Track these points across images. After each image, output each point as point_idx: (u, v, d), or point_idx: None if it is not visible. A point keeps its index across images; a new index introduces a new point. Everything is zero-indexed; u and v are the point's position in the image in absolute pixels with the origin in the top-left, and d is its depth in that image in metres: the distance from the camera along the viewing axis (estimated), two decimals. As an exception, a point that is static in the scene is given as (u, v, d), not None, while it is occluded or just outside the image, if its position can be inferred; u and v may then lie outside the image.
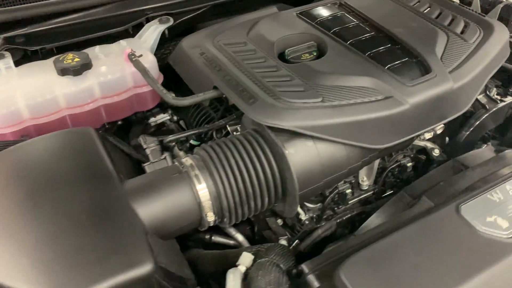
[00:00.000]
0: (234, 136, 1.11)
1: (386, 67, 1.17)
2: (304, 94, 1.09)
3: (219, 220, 1.05)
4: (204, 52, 1.25)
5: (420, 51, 1.23)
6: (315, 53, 1.27)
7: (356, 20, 1.37)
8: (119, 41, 1.37)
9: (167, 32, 1.47)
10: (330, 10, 1.43)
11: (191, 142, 1.32)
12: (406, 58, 1.22)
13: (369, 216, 1.32)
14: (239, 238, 1.29)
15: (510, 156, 1.14)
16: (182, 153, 1.26)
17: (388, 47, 1.25)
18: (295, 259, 1.04)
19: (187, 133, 1.23)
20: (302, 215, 1.33)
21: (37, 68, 1.27)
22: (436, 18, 1.40)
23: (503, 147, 1.36)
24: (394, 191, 1.42)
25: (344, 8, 1.45)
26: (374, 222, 1.11)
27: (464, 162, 1.14)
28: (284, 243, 1.25)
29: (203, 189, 1.00)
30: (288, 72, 1.15)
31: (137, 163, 1.27)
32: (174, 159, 1.10)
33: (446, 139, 1.43)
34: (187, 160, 1.04)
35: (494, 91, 1.42)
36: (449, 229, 0.84)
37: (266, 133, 1.06)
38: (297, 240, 1.32)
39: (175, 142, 1.21)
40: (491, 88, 1.42)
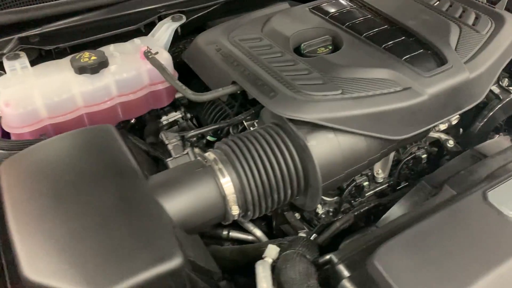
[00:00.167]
0: (254, 130, 1.11)
1: (403, 59, 1.18)
2: (324, 86, 1.10)
3: (243, 213, 1.06)
4: (221, 48, 1.26)
5: (435, 43, 1.24)
6: (330, 47, 1.28)
7: (368, 14, 1.38)
8: (133, 40, 1.38)
9: (179, 30, 1.47)
10: (342, 5, 1.44)
11: (208, 138, 1.32)
12: (422, 50, 1.23)
13: (386, 208, 1.34)
14: (257, 233, 1.30)
15: (527, 144, 1.15)
16: (197, 150, 1.26)
17: (402, 39, 1.26)
18: (319, 251, 1.05)
19: (208, 128, 1.24)
20: (319, 208, 1.33)
21: (53, 67, 1.27)
22: (446, 11, 1.41)
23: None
24: (409, 183, 1.43)
25: (356, 3, 1.46)
26: (396, 212, 1.12)
27: (483, 151, 1.15)
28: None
29: (227, 183, 1.00)
30: (306, 66, 1.16)
31: (154, 161, 1.28)
32: (196, 154, 1.10)
33: (460, 130, 1.44)
34: (210, 155, 1.05)
35: (506, 81, 1.44)
36: (477, 215, 0.85)
37: (287, 126, 1.07)
38: (315, 234, 1.33)
39: (196, 138, 1.22)
40: (503, 78, 1.43)
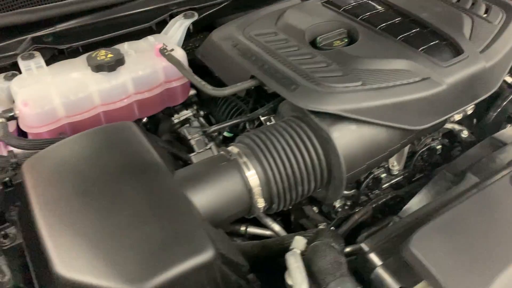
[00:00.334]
0: (275, 123, 1.12)
1: (419, 50, 1.19)
2: (344, 78, 1.10)
3: (267, 206, 1.06)
4: (237, 43, 1.26)
5: (449, 34, 1.25)
6: (346, 40, 1.29)
7: (381, 7, 1.39)
8: (147, 37, 1.38)
9: (191, 27, 1.47)
10: (353, -2, 1.44)
11: (225, 134, 1.32)
12: (437, 41, 1.24)
13: (403, 200, 1.34)
14: (276, 228, 1.29)
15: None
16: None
17: (418, 31, 1.27)
18: (344, 241, 1.05)
19: (230, 123, 1.24)
20: (336, 202, 1.34)
21: (69, 66, 1.27)
22: (457, 2, 1.43)
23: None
24: (425, 174, 1.44)
25: (367, -4, 1.47)
26: (418, 202, 1.12)
27: (501, 138, 1.16)
28: (323, 230, 1.25)
29: (252, 176, 1.00)
30: (324, 58, 1.16)
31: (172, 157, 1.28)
32: (219, 148, 1.10)
33: (474, 121, 1.45)
34: (233, 149, 1.05)
35: (518, 71, 1.45)
36: (507, 200, 0.86)
37: (308, 118, 1.07)
38: (333, 227, 1.33)
39: (217, 133, 1.22)
40: (514, 68, 1.45)
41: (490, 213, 0.84)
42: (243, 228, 1.29)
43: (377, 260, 0.86)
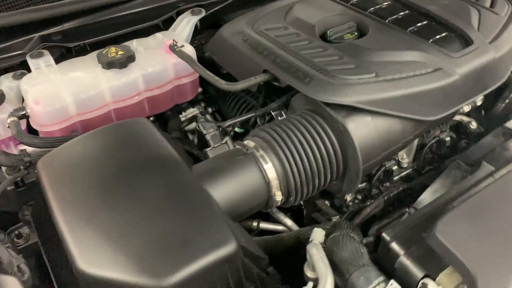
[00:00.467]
0: (290, 116, 1.12)
1: (430, 41, 1.20)
2: (357, 70, 1.10)
3: (285, 199, 1.06)
4: (247, 38, 1.26)
5: (458, 25, 1.26)
6: (356, 33, 1.29)
7: (388, 0, 1.39)
8: (155, 34, 1.37)
9: (198, 24, 1.47)
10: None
11: (236, 130, 1.32)
12: (447, 32, 1.24)
13: (413, 192, 1.35)
14: (288, 223, 1.29)
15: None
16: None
17: (427, 23, 1.28)
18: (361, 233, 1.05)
19: (245, 117, 1.24)
20: (347, 195, 1.34)
21: (78, 64, 1.26)
22: (462, -5, 1.44)
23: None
24: (434, 167, 1.44)
25: (374, -10, 1.47)
26: (433, 192, 1.13)
27: (512, 127, 1.17)
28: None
29: (270, 169, 1.00)
30: (336, 51, 1.17)
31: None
32: (235, 142, 1.10)
33: (482, 112, 1.46)
34: (250, 142, 1.05)
35: (525, 62, 1.46)
36: (528, 186, 0.87)
37: (323, 111, 1.07)
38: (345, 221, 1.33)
39: (231, 127, 1.21)
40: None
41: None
42: (255, 224, 1.29)
43: (399, 249, 0.86)
